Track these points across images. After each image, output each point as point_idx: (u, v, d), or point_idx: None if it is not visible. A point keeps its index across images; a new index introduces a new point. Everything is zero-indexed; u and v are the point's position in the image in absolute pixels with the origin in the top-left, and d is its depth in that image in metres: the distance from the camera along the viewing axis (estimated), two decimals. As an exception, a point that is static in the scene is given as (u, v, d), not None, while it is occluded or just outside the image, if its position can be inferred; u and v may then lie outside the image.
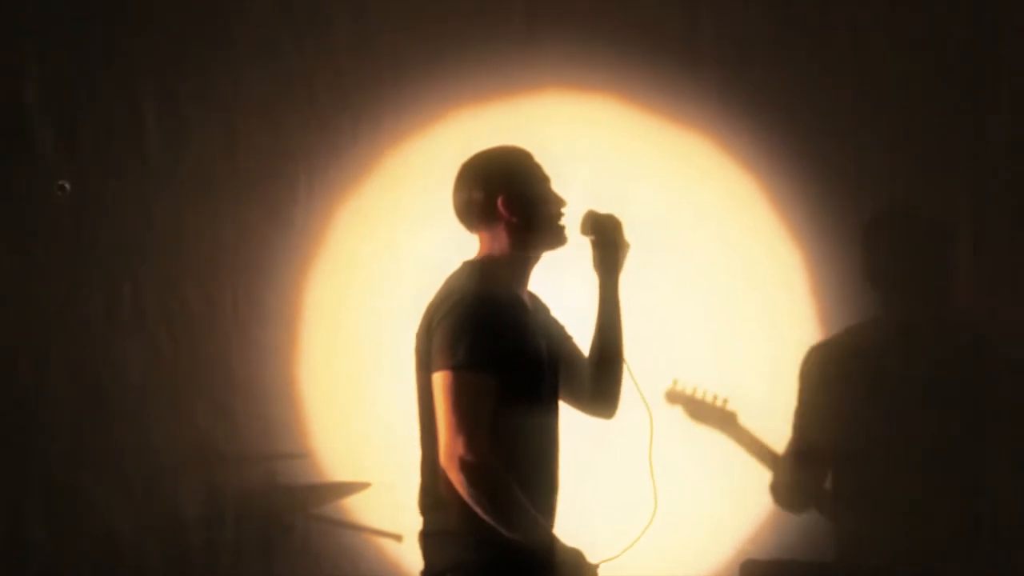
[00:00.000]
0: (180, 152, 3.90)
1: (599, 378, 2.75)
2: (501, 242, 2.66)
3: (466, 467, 2.42)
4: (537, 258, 2.70)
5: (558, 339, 2.77)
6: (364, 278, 3.92)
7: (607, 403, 2.79)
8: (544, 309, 2.80)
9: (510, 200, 2.64)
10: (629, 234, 2.75)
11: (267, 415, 3.86)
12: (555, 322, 2.81)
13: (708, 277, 3.87)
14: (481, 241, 2.70)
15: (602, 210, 2.74)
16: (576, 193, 2.75)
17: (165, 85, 3.90)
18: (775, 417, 3.55)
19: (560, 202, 2.70)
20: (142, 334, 3.87)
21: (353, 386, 3.89)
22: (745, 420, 3.61)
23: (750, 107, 3.85)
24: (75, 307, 3.86)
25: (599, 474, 3.67)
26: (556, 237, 2.68)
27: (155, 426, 3.84)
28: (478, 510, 2.46)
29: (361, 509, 3.84)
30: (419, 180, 3.85)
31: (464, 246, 2.74)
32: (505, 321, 2.54)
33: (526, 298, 2.70)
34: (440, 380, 2.49)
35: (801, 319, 3.82)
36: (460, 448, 2.42)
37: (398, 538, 3.76)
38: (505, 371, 2.50)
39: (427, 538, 2.64)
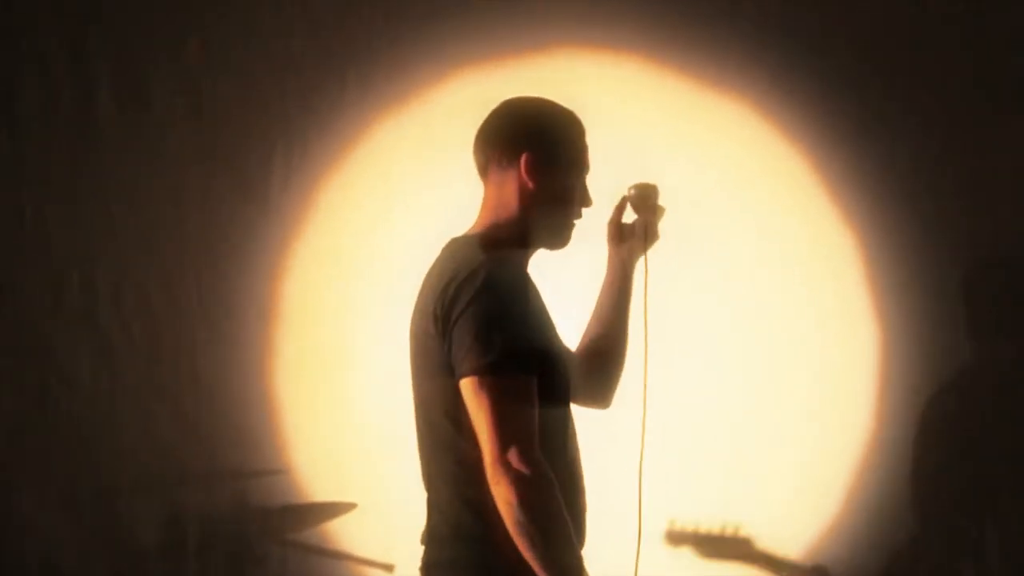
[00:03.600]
0: (136, 121, 3.79)
1: (603, 368, 2.72)
2: (505, 206, 2.50)
3: (524, 482, 2.25)
4: (534, 250, 2.58)
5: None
6: (351, 267, 3.78)
7: (605, 393, 2.75)
8: None
9: (536, 164, 2.47)
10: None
11: (238, 425, 3.76)
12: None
13: (744, 268, 3.73)
14: (483, 204, 2.55)
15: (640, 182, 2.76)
16: (594, 169, 2.66)
17: (118, 44, 3.79)
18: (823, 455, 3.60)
19: (587, 200, 2.57)
20: (92, 331, 3.77)
21: (337, 392, 3.75)
22: (761, 542, 3.63)
23: (798, 68, 3.70)
24: (14, 300, 3.76)
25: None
26: (562, 234, 2.56)
27: (107, 438, 3.76)
28: (526, 533, 2.27)
29: (346, 534, 3.74)
30: (415, 153, 3.73)
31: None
32: (537, 308, 2.44)
33: None
34: (473, 385, 2.31)
35: (854, 319, 3.70)
36: (515, 461, 2.26)
37: (389, 569, 3.67)
38: (544, 363, 2.37)
39: (431, 570, 2.49)
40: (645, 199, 2.73)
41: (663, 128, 3.72)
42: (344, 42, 3.80)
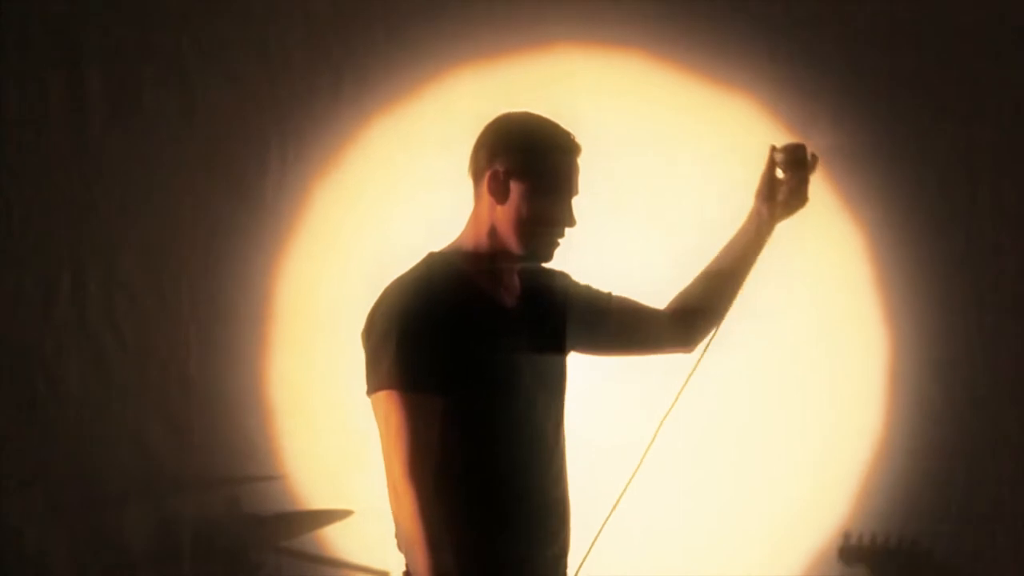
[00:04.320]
0: (127, 119, 3.77)
1: (702, 312, 2.66)
2: (481, 223, 2.47)
3: (400, 499, 2.34)
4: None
5: (582, 304, 2.61)
6: (347, 269, 3.74)
7: (693, 336, 2.68)
8: (554, 279, 2.62)
9: (505, 181, 2.42)
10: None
11: (231, 430, 3.75)
12: (576, 291, 2.64)
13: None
14: (468, 220, 2.53)
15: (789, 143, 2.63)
16: (594, 169, 2.59)
17: (109, 42, 3.76)
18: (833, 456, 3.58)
19: (569, 221, 2.47)
20: (82, 335, 3.75)
21: (333, 396, 3.70)
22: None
23: (804, 63, 3.72)
24: (3, 304, 3.74)
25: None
26: (539, 254, 2.49)
27: (98, 444, 3.73)
28: (399, 547, 2.39)
29: (342, 541, 3.74)
30: (412, 152, 3.72)
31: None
32: (452, 327, 2.38)
33: (503, 294, 2.51)
34: (373, 403, 2.40)
35: (863, 322, 3.73)
36: (397, 477, 2.34)
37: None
38: (457, 389, 2.36)
39: None
40: (795, 159, 2.61)
41: (665, 126, 3.72)
42: (340, 38, 3.79)
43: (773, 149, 2.63)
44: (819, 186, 3.53)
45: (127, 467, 3.71)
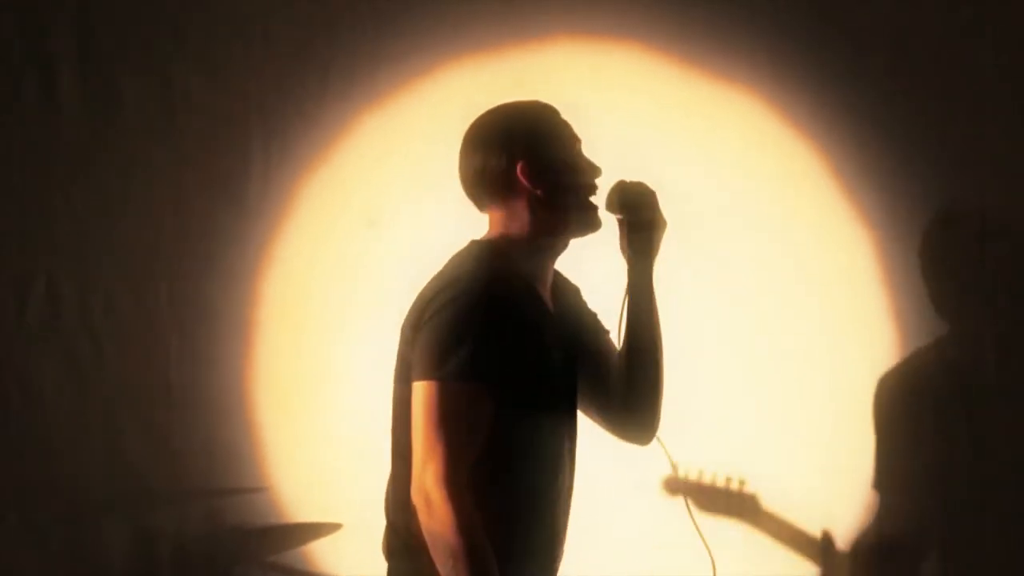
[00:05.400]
0: (103, 114, 3.74)
1: (631, 391, 2.60)
2: (519, 221, 2.51)
3: (431, 506, 2.28)
4: (564, 245, 2.58)
5: (590, 332, 2.64)
6: (334, 272, 3.74)
7: (641, 423, 2.62)
8: (573, 292, 2.69)
9: (532, 166, 2.49)
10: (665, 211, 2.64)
11: (213, 440, 3.72)
12: (587, 311, 2.69)
13: (752, 272, 3.71)
14: (491, 222, 2.56)
15: (630, 180, 2.61)
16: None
17: (82, 36, 3.73)
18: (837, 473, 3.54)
19: (594, 170, 2.56)
20: (56, 340, 3.72)
21: (321, 405, 3.72)
22: (769, 502, 3.58)
23: (810, 57, 3.67)
24: None
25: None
26: (588, 218, 2.55)
27: (73, 455, 3.71)
28: (435, 558, 2.31)
29: (330, 556, 3.70)
30: (404, 149, 3.70)
31: (463, 230, 2.60)
32: (514, 323, 2.39)
33: (545, 292, 2.56)
34: (422, 392, 2.34)
35: (872, 326, 3.66)
36: (431, 480, 2.28)
37: (376, 591, 3.66)
38: (507, 387, 2.37)
39: None
40: (632, 204, 2.57)
41: (663, 123, 3.70)
42: (326, 30, 3.76)
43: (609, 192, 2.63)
44: (824, 187, 3.67)
45: (104, 479, 3.70)
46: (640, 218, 2.57)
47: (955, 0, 3.69)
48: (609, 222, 2.64)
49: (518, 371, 2.40)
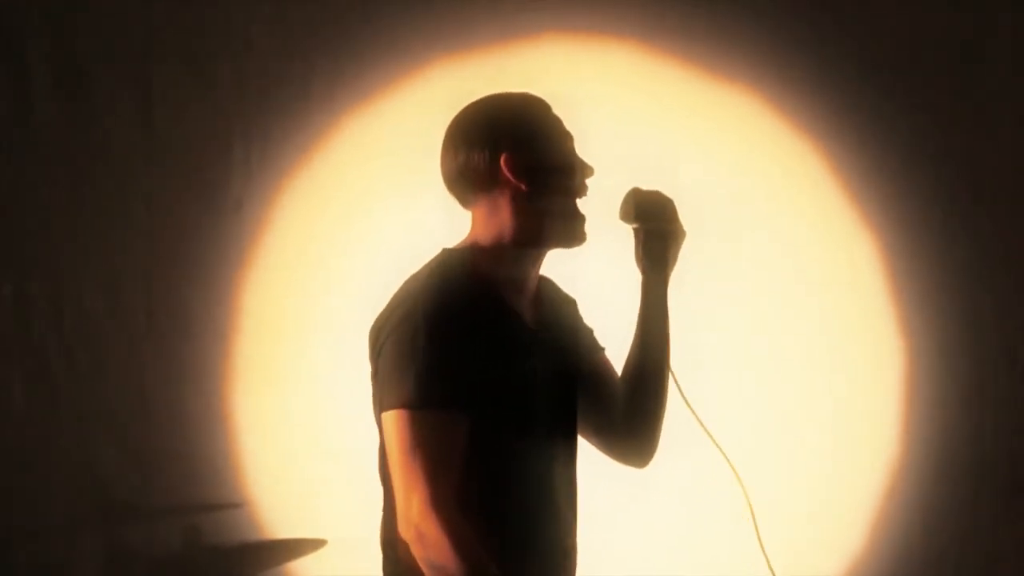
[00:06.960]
0: (78, 115, 3.73)
1: (633, 410, 2.52)
2: (501, 220, 2.41)
3: (425, 537, 2.21)
4: (544, 251, 2.48)
5: (582, 348, 2.54)
6: (317, 277, 3.74)
7: (640, 445, 2.55)
8: (565, 304, 2.58)
9: (518, 160, 2.39)
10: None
11: (190, 454, 3.72)
12: (582, 326, 2.58)
13: (754, 275, 3.75)
14: (473, 222, 2.47)
15: (647, 187, 2.52)
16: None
17: (54, 30, 3.72)
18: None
19: (586, 169, 2.45)
20: (27, 350, 3.70)
21: (302, 417, 3.71)
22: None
23: (812, 57, 3.72)
24: None
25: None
26: (572, 229, 2.44)
27: (44, 469, 3.68)
28: None
29: (313, 574, 3.67)
30: (388, 151, 3.70)
31: (448, 234, 2.52)
32: (474, 337, 2.30)
33: (522, 301, 2.45)
34: (390, 422, 2.27)
35: (875, 331, 3.75)
36: (416, 511, 2.22)
37: (361, 611, 3.65)
38: (478, 406, 2.28)
39: None
40: (649, 213, 2.50)
41: (663, 123, 3.71)
42: (310, 28, 3.78)
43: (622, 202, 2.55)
44: (827, 188, 3.69)
45: (75, 494, 3.68)
46: (658, 228, 2.49)
47: (956, 0, 3.76)
48: (595, 236, 2.55)
49: (488, 387, 2.33)
